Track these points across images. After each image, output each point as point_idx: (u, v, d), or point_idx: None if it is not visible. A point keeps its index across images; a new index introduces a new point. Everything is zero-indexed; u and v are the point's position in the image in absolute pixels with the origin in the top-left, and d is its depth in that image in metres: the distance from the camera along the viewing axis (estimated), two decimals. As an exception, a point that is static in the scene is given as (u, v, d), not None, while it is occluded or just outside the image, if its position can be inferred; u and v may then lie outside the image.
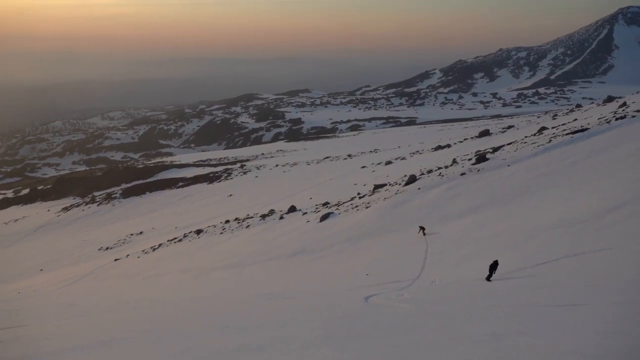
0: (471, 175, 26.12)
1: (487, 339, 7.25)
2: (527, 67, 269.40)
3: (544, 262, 13.34)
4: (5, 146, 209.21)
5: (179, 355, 8.48)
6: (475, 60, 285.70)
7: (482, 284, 13.05)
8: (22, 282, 34.92)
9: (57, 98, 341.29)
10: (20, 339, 13.14)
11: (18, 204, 78.35)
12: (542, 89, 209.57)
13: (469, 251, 16.85)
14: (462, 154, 37.01)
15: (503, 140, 38.10)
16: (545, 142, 27.91)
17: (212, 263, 26.05)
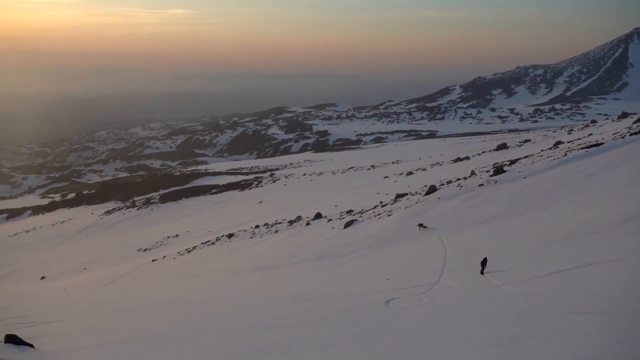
0: (489, 186, 25.83)
1: (503, 343, 7.16)
2: (543, 84, 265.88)
3: (558, 271, 13.11)
4: (54, 153, 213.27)
5: (211, 351, 8.53)
6: (494, 77, 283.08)
7: (497, 290, 12.88)
8: (68, 279, 35.40)
9: (103, 110, 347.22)
10: (66, 333, 13.35)
11: (65, 207, 79.58)
12: (558, 105, 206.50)
13: (485, 259, 16.65)
14: (480, 166, 36.65)
15: (520, 154, 37.65)
16: (560, 155, 27.50)
17: (242, 265, 26.14)
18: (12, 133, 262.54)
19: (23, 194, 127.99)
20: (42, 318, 18.56)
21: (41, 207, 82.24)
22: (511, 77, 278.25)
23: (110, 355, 9.47)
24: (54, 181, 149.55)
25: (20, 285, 37.10)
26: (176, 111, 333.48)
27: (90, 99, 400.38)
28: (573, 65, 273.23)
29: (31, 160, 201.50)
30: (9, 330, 12.77)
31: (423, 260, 18.67)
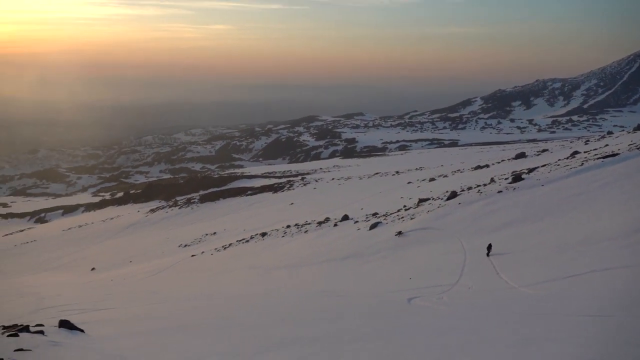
0: (507, 193, 25.43)
1: (518, 344, 7.05)
2: (561, 97, 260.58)
3: (572, 275, 12.85)
4: (105, 156, 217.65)
5: (245, 342, 8.59)
6: (514, 89, 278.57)
7: (514, 292, 12.68)
8: (115, 271, 35.98)
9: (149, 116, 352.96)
10: (112, 319, 13.61)
11: (114, 205, 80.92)
12: (576, 117, 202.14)
13: (502, 262, 16.39)
14: (500, 173, 36.10)
15: (538, 162, 36.97)
16: (577, 165, 26.92)
17: (274, 262, 26.23)
18: (69, 137, 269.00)
19: (77, 192, 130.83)
20: (91, 306, 18.96)
21: (93, 205, 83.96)
22: (530, 89, 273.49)
23: (152, 342, 9.63)
24: (104, 181, 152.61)
25: (73, 275, 37.93)
26: (216, 118, 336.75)
27: (138, 106, 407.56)
28: (590, 79, 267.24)
29: (85, 162, 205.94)
30: (62, 316, 13.11)
31: (443, 261, 18.48)
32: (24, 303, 23.37)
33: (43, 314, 18.11)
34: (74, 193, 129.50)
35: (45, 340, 9.19)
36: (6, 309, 22.42)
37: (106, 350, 8.96)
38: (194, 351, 8.70)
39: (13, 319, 15.66)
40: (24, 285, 32.96)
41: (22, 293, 27.76)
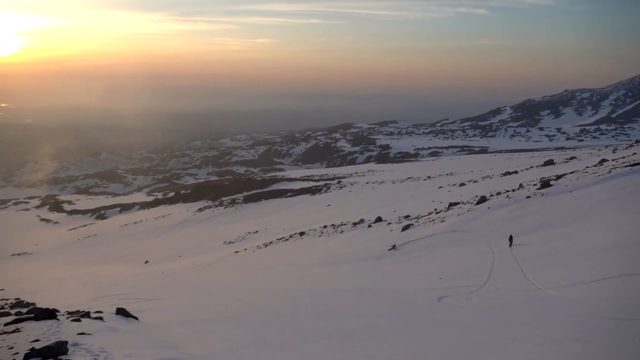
0: (536, 198, 24.78)
1: (546, 343, 6.85)
2: (590, 106, 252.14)
3: (600, 279, 12.40)
4: (159, 159, 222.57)
5: (284, 333, 8.62)
6: (543, 99, 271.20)
7: (541, 293, 12.33)
8: (166, 264, 36.70)
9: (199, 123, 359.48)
10: (163, 308, 13.90)
11: (165, 204, 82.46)
12: (604, 126, 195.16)
13: (530, 264, 15.97)
14: (528, 179, 35.20)
15: (566, 170, 35.89)
16: (605, 172, 26.00)
17: (311, 260, 26.27)
18: (127, 141, 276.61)
19: (133, 192, 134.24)
20: (145, 295, 19.41)
21: (147, 203, 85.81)
22: (559, 99, 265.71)
23: (199, 331, 9.78)
24: (157, 182, 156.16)
25: (128, 267, 38.92)
26: (259, 125, 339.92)
27: (189, 114, 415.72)
28: (619, 89, 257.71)
29: (141, 164, 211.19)
30: (119, 304, 13.46)
31: (472, 263, 18.14)
32: (86, 291, 24.13)
33: (102, 301, 18.65)
34: (130, 192, 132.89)
35: (104, 325, 9.46)
36: (70, 295, 23.21)
37: (158, 336, 9.15)
38: (238, 340, 8.79)
39: (76, 305, 16.19)
40: (86, 275, 34.05)
41: (84, 282, 28.69)
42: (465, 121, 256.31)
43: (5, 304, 22.60)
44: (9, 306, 21.69)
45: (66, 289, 27.04)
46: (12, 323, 9.97)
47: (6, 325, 9.76)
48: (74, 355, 6.71)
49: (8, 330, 9.08)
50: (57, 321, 9.50)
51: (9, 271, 41.52)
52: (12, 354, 6.99)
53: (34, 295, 24.58)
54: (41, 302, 20.63)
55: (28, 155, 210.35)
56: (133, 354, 6.95)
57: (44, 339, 7.78)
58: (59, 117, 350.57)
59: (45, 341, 7.54)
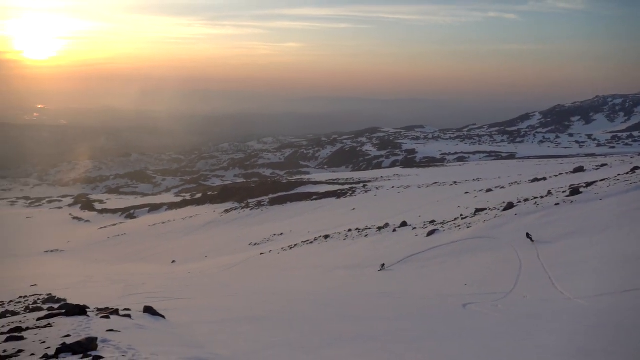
0: (565, 205, 24.24)
1: (573, 353, 6.69)
2: (622, 113, 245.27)
3: (631, 290, 12.04)
4: (187, 160, 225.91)
5: (309, 335, 8.63)
6: (573, 105, 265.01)
7: (570, 303, 12.05)
8: (192, 264, 37.14)
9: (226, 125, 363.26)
10: (190, 308, 14.07)
11: (193, 205, 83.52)
12: (636, 133, 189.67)
13: (558, 273, 15.62)
14: (557, 186, 34.45)
15: (596, 177, 34.99)
16: (637, 180, 25.24)
17: (335, 263, 26.24)
18: (157, 143, 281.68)
19: (161, 192, 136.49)
20: (171, 294, 19.68)
21: (175, 204, 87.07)
22: (590, 105, 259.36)
23: (225, 331, 9.87)
24: (185, 183, 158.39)
25: (156, 266, 39.54)
26: (286, 128, 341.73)
27: (217, 116, 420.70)
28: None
29: (169, 165, 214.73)
30: (146, 302, 13.69)
31: (499, 270, 17.84)
32: (115, 289, 24.61)
33: (130, 299, 18.99)
34: (159, 193, 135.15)
35: (132, 323, 9.63)
36: (100, 292, 23.70)
37: (184, 335, 9.27)
38: (263, 341, 8.84)
39: (105, 302, 16.52)
40: (115, 273, 34.72)
41: (113, 280, 29.26)
42: (493, 126, 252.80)
43: (37, 299, 23.24)
44: (41, 301, 22.29)
45: (96, 286, 27.63)
46: (45, 318, 10.25)
47: (39, 320, 10.04)
48: (103, 352, 6.85)
49: (40, 325, 9.33)
50: (87, 317, 9.72)
51: (41, 267, 42.68)
52: (45, 348, 7.18)
53: (65, 291, 25.19)
54: (72, 298, 21.14)
55: (62, 156, 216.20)
56: (160, 352, 7.05)
57: (75, 334, 7.96)
58: (92, 119, 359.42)
59: (76, 337, 7.72)
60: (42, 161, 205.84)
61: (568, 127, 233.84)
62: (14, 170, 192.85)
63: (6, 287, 30.14)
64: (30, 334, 8.33)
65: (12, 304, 22.84)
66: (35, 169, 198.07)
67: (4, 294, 26.10)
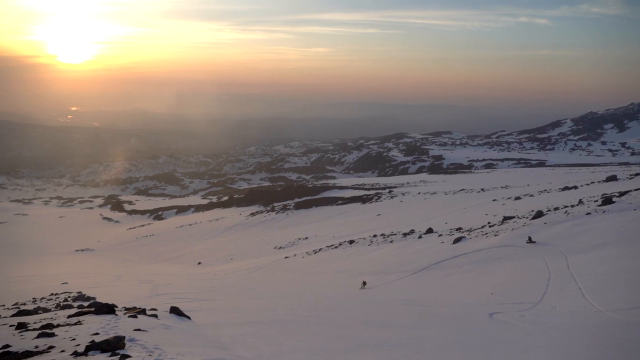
0: (596, 215, 23.63)
1: (605, 367, 6.50)
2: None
3: (666, 303, 11.65)
4: (214, 163, 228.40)
5: (332, 341, 8.60)
6: (606, 112, 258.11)
7: (600, 315, 11.71)
8: (218, 266, 37.47)
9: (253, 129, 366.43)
10: (215, 309, 14.19)
11: (219, 207, 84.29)
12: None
13: (589, 284, 15.21)
14: (589, 195, 33.62)
15: (630, 186, 34.01)
16: (674, 190, 24.48)
17: (360, 268, 26.13)
18: (185, 145, 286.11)
19: (189, 194, 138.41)
20: (197, 295, 19.90)
21: (202, 206, 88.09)
22: (624, 112, 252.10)
23: (248, 333, 9.92)
24: (212, 186, 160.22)
25: (182, 267, 40.04)
26: (312, 133, 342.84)
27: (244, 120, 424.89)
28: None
29: (197, 168, 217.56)
30: (173, 302, 13.86)
31: (527, 279, 17.48)
32: (142, 288, 25.02)
33: (156, 299, 19.27)
34: (186, 195, 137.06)
35: (159, 323, 9.76)
36: (127, 292, 24.12)
37: (209, 337, 9.35)
38: (286, 345, 8.85)
39: (133, 302, 16.80)
40: (143, 273, 35.29)
41: (141, 279, 29.75)
42: (523, 133, 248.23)
43: (68, 297, 23.80)
44: (71, 299, 22.83)
45: (124, 285, 28.13)
46: (75, 316, 10.48)
47: (69, 318, 10.27)
48: (131, 350, 6.96)
49: (71, 322, 9.54)
50: (115, 316, 9.90)
51: (72, 266, 43.70)
52: (74, 345, 7.34)
53: (95, 289, 25.73)
54: (101, 296, 21.58)
55: (94, 157, 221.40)
56: (185, 352, 7.13)
57: (103, 332, 8.12)
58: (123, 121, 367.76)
59: (104, 335, 7.87)
60: (75, 162, 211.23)
61: (600, 135, 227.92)
62: (48, 170, 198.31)
63: (39, 284, 30.97)
64: (60, 330, 8.52)
65: (44, 300, 23.45)
66: (68, 169, 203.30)
67: (37, 291, 26.82)
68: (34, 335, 8.28)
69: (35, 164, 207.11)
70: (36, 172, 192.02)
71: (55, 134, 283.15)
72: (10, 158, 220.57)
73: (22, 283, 32.82)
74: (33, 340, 7.99)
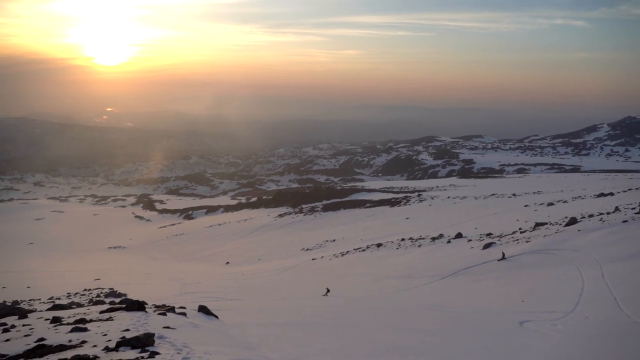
0: (634, 223, 22.85)
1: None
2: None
3: None
4: (244, 164, 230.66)
5: (357, 343, 8.56)
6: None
7: (636, 327, 11.31)
8: (246, 266, 37.79)
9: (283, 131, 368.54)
10: (242, 309, 14.30)
11: (248, 208, 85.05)
12: None
13: (625, 294, 14.71)
14: (625, 202, 32.57)
15: (670, 194, 32.83)
16: None
17: (387, 272, 25.96)
18: (216, 146, 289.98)
19: (219, 195, 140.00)
20: (224, 295, 20.12)
21: (231, 207, 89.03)
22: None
23: (274, 334, 9.96)
24: (241, 186, 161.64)
25: (211, 267, 40.54)
26: (342, 135, 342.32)
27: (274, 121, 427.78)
28: None
29: (227, 169, 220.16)
30: (201, 301, 14.04)
31: (559, 288, 17.04)
32: (171, 286, 25.45)
33: (185, 297, 19.57)
34: (216, 195, 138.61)
35: (187, 321, 9.89)
36: (157, 289, 24.56)
37: (236, 336, 9.42)
38: (312, 347, 8.85)
39: (162, 299, 17.09)
40: (172, 271, 35.91)
41: (171, 277, 30.27)
42: (557, 138, 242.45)
43: (100, 293, 24.39)
44: (103, 295, 23.39)
45: (154, 283, 28.66)
46: (107, 311, 10.73)
47: (101, 313, 10.51)
48: (160, 348, 7.07)
49: (103, 317, 9.76)
50: (145, 313, 10.08)
51: (105, 262, 44.76)
52: (106, 340, 7.50)
53: (126, 286, 26.30)
54: (131, 293, 22.04)
55: (127, 157, 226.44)
56: (212, 351, 7.20)
57: (134, 329, 8.28)
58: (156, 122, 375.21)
59: (135, 331, 8.02)
60: (109, 162, 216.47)
61: (639, 141, 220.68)
62: (84, 169, 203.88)
63: (73, 279, 31.84)
64: (93, 325, 8.73)
65: (78, 295, 24.08)
66: (102, 168, 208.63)
67: (71, 286, 27.57)
68: (67, 330, 8.50)
69: (72, 163, 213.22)
70: (72, 170, 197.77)
71: (91, 134, 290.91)
72: (49, 157, 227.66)
73: (57, 278, 33.83)
74: (67, 334, 8.20)
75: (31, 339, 7.98)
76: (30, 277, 33.56)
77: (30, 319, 10.19)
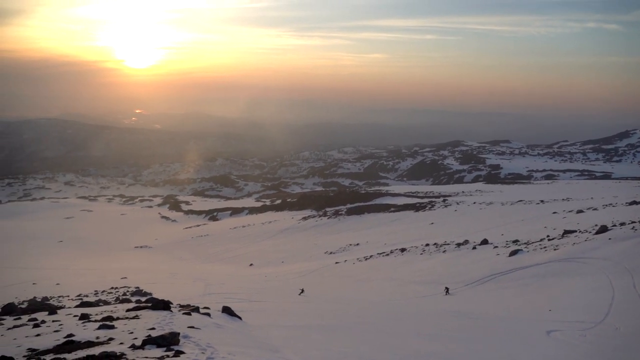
0: (667, 233, 22.17)
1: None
2: None
3: None
4: (269, 167, 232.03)
5: (381, 349, 8.51)
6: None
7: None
8: (269, 268, 37.97)
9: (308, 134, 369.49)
10: (265, 311, 14.38)
11: (272, 210, 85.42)
12: None
13: (658, 306, 14.29)
14: (659, 211, 31.65)
15: None
16: None
17: (411, 277, 25.76)
18: (241, 148, 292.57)
19: (243, 197, 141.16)
20: (248, 296, 20.25)
21: (255, 209, 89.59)
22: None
23: (297, 336, 9.98)
24: (266, 189, 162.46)
25: (235, 268, 40.86)
26: (367, 139, 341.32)
27: (299, 124, 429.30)
28: None
29: (252, 171, 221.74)
30: (225, 302, 14.16)
31: (588, 297, 16.64)
32: (196, 287, 25.75)
33: (209, 298, 19.76)
34: (241, 197, 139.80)
35: (211, 321, 10.00)
36: (182, 289, 24.88)
37: (259, 338, 9.48)
38: (334, 350, 8.84)
39: (187, 299, 17.30)
40: (197, 272, 36.33)
41: (195, 278, 30.63)
42: (587, 144, 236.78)
43: (127, 291, 24.83)
44: (130, 293, 23.80)
45: (178, 283, 29.04)
46: (133, 310, 10.93)
47: (128, 311, 10.71)
48: (184, 347, 7.17)
49: (129, 316, 9.94)
50: (170, 312, 10.23)
51: (131, 261, 45.57)
52: (132, 338, 7.64)
53: (151, 285, 26.71)
54: (157, 292, 22.36)
55: (155, 158, 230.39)
56: (236, 352, 7.26)
57: (159, 328, 8.41)
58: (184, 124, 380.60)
59: (160, 330, 8.15)
60: (137, 162, 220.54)
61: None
62: (113, 169, 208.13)
63: (100, 277, 32.50)
64: (120, 323, 8.90)
65: (105, 293, 24.57)
66: (130, 169, 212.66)
67: (99, 284, 28.16)
68: (95, 327, 8.69)
69: (101, 163, 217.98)
70: (102, 170, 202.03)
71: (120, 135, 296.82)
72: (79, 157, 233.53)
73: (85, 275, 34.60)
74: (95, 331, 8.39)
75: (60, 334, 8.18)
76: (60, 274, 34.40)
77: (60, 315, 10.45)
